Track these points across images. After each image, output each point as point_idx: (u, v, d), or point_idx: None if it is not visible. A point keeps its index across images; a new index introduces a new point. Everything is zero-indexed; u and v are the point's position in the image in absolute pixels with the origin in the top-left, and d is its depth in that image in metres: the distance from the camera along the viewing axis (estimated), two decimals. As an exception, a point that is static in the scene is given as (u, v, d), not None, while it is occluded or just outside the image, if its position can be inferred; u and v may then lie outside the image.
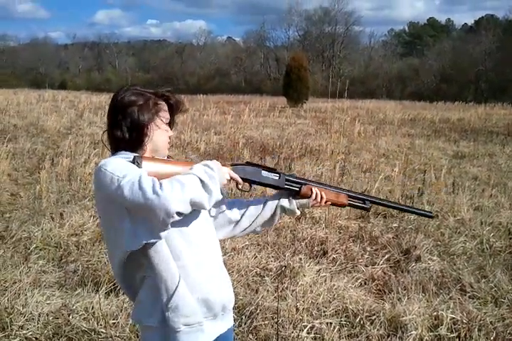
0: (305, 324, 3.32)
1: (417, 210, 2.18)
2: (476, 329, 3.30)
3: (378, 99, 41.24)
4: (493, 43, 49.86)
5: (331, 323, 3.38)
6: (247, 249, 4.82)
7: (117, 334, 3.21)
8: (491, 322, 3.41)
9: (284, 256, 4.64)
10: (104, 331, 3.24)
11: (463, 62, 50.59)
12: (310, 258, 4.65)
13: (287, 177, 1.88)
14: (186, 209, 1.51)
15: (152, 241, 1.56)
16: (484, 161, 10.61)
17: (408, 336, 3.22)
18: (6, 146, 9.26)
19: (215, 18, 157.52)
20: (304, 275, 4.14)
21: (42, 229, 5.12)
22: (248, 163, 1.85)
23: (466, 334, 3.29)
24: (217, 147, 11.26)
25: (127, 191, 1.49)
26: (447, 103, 34.07)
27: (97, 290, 3.80)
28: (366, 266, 4.52)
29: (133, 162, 1.61)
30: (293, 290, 3.84)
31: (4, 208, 6.06)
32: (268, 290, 3.86)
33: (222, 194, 1.64)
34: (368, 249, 4.95)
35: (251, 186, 1.85)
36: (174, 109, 1.84)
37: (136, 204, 1.49)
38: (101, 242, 4.91)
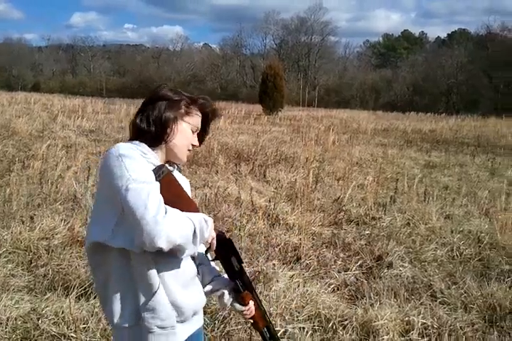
0: (278, 328, 3.31)
1: None
2: (447, 334, 3.35)
3: (352, 109, 41.82)
4: (464, 57, 51.06)
5: (303, 328, 3.38)
6: (220, 254, 4.80)
7: (88, 339, 3.16)
8: (460, 328, 3.46)
9: (258, 261, 4.63)
10: (74, 335, 3.18)
11: (435, 75, 51.73)
12: (283, 264, 4.66)
13: (244, 277, 1.85)
14: (167, 248, 1.48)
15: (129, 248, 1.54)
16: (455, 171, 10.81)
17: (380, 340, 3.25)
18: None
19: (192, 25, 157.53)
20: (278, 280, 4.14)
21: (11, 232, 5.01)
22: (230, 241, 1.82)
23: (436, 339, 3.34)
24: (192, 153, 11.21)
25: (130, 198, 1.45)
26: (419, 114, 34.75)
27: (67, 295, 3.73)
28: (339, 271, 4.55)
29: (156, 171, 1.57)
30: (266, 296, 3.83)
31: (-27, 211, 5.93)
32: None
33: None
34: (341, 255, 4.99)
35: (215, 259, 1.82)
36: (208, 119, 1.82)
37: (131, 214, 1.45)
38: (72, 246, 4.84)
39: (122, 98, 43.24)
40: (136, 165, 1.53)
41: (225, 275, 1.87)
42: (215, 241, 1.72)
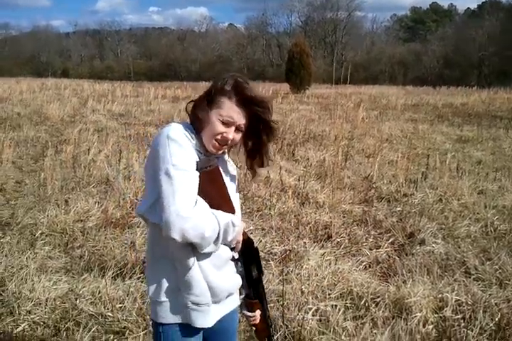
0: (310, 306, 3.34)
1: None
2: (481, 311, 3.32)
3: (381, 85, 41.12)
4: (496, 27, 49.40)
5: (336, 306, 3.39)
6: (251, 233, 4.83)
7: (124, 318, 3.23)
8: (495, 304, 3.42)
9: (289, 240, 4.65)
10: (111, 315, 3.27)
11: (466, 47, 50.27)
12: (314, 242, 4.67)
13: (259, 285, 1.88)
14: (182, 241, 1.50)
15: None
16: (488, 145, 10.58)
17: (413, 318, 3.23)
18: (10, 134, 9.27)
19: (217, 5, 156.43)
20: (309, 259, 4.16)
21: (47, 215, 5.14)
22: (256, 249, 1.84)
23: (470, 316, 3.30)
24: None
25: (164, 182, 1.49)
26: (450, 88, 33.94)
27: (104, 275, 3.82)
28: (370, 249, 4.53)
29: (203, 163, 1.59)
30: (298, 274, 3.86)
31: (10, 195, 6.09)
32: (273, 274, 3.88)
33: None
34: (372, 232, 4.97)
35: (237, 261, 1.81)
36: (257, 120, 1.70)
37: (160, 198, 1.49)
38: (106, 228, 4.94)
39: (150, 81, 43.47)
40: (181, 151, 1.54)
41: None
42: (239, 246, 1.75)
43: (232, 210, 1.66)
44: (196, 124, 1.67)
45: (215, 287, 1.69)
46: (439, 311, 3.36)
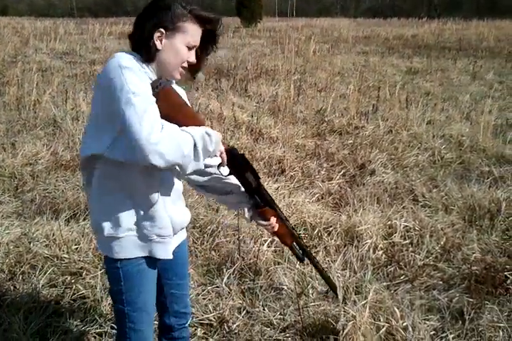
0: (265, 239, 3.42)
1: (329, 280, 2.14)
2: (428, 236, 3.48)
3: (333, 17, 40.47)
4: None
5: (290, 236, 3.48)
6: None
7: (81, 259, 3.24)
8: (441, 229, 3.59)
9: (243, 176, 4.67)
10: (67, 256, 3.26)
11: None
12: (268, 177, 4.72)
13: (262, 190, 1.82)
14: (165, 166, 1.45)
15: (126, 161, 1.53)
16: (436, 76, 10.70)
17: (364, 245, 3.36)
18: None
19: None
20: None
21: (-6, 160, 4.98)
22: (242, 156, 1.76)
23: (418, 241, 3.47)
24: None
25: (127, 111, 1.40)
26: (401, 19, 33.72)
27: (57, 218, 3.78)
28: (323, 181, 4.62)
29: (153, 84, 1.51)
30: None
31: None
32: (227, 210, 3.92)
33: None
34: (325, 165, 5.04)
35: (229, 174, 1.77)
36: (210, 36, 1.70)
37: (126, 129, 1.42)
38: (56, 170, 4.84)
39: (95, 17, 41.31)
40: (136, 78, 1.47)
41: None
42: (224, 156, 1.69)
43: (201, 122, 1.60)
44: (148, 54, 1.59)
45: (175, 220, 1.73)
46: (389, 237, 3.50)
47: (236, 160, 1.74)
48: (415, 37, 20.24)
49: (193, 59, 1.66)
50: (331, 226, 3.63)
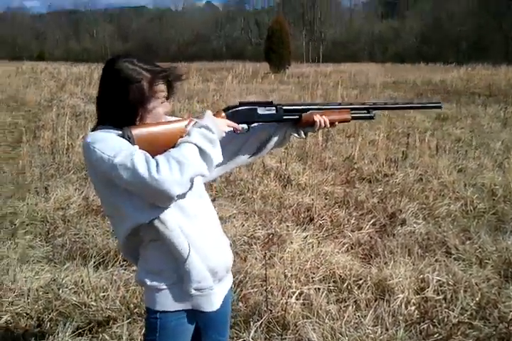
0: (293, 290, 3.36)
1: (422, 104, 2.13)
2: (462, 291, 3.36)
3: (361, 62, 41.03)
4: (473, 3, 49.40)
5: (319, 289, 3.42)
6: (234, 217, 4.84)
7: (108, 307, 3.22)
8: (476, 283, 3.47)
9: (271, 223, 4.66)
10: (94, 304, 3.25)
11: (444, 23, 50.21)
12: (297, 225, 4.68)
13: (285, 108, 1.83)
14: (187, 188, 1.49)
15: (157, 215, 1.56)
16: (467, 123, 10.64)
17: (395, 299, 3.27)
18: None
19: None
20: (292, 242, 4.17)
21: (27, 203, 5.08)
22: (241, 104, 1.78)
23: (452, 296, 3.35)
24: (203, 111, 11.12)
25: (122, 173, 1.45)
26: (429, 64, 34.01)
27: (86, 264, 3.80)
28: (352, 231, 4.56)
29: (123, 136, 1.55)
30: (281, 257, 3.87)
31: (-13, 184, 6.00)
32: (256, 258, 3.89)
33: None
34: (354, 214, 4.99)
35: (249, 128, 1.79)
36: (173, 85, 1.71)
37: (133, 187, 1.47)
38: (88, 215, 4.89)
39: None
40: (106, 142, 1.52)
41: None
42: (231, 123, 1.73)
43: (184, 129, 1.62)
44: (126, 121, 1.60)
45: (215, 266, 1.71)
46: (421, 292, 3.40)
47: (241, 116, 1.75)
48: (444, 82, 20.33)
49: (168, 107, 1.71)
50: (361, 279, 3.56)
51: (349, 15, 67.24)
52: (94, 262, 3.84)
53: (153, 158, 1.48)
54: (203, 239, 1.68)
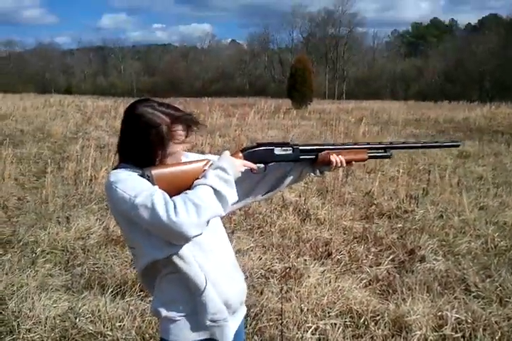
0: (309, 325, 3.34)
1: (440, 143, 2.08)
2: (481, 329, 3.30)
3: (383, 100, 41.24)
4: (496, 42, 49.70)
5: (335, 324, 3.39)
6: (251, 250, 4.85)
7: (123, 337, 3.24)
8: (496, 322, 3.40)
9: (289, 257, 4.65)
10: (110, 333, 3.27)
11: (467, 62, 50.47)
12: (314, 259, 4.66)
13: (302, 148, 1.85)
14: (203, 229, 1.54)
15: (174, 252, 1.62)
16: (489, 160, 10.57)
17: (413, 336, 3.22)
18: (13, 151, 9.33)
19: (220, 21, 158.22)
20: (309, 276, 4.16)
21: (48, 233, 5.15)
22: (259, 144, 1.82)
23: (471, 334, 3.29)
24: (222, 150, 11.25)
25: (142, 213, 1.51)
26: (452, 103, 34.02)
27: (103, 293, 3.83)
28: (371, 266, 4.52)
29: (142, 175, 1.61)
30: (297, 292, 3.86)
31: (11, 212, 6.10)
32: (273, 292, 3.88)
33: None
34: (373, 249, 4.96)
35: (266, 168, 1.83)
36: (192, 127, 1.76)
37: (152, 227, 1.53)
38: (107, 245, 4.94)
39: (153, 97, 43.59)
40: (128, 182, 1.59)
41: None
42: (248, 163, 1.77)
43: (201, 169, 1.68)
44: (147, 162, 1.67)
45: (230, 298, 1.75)
46: (439, 329, 3.34)
47: (258, 156, 1.78)
48: (466, 120, 20.29)
49: (188, 146, 1.78)
50: (378, 315, 3.51)
51: (372, 54, 68.03)
52: (112, 292, 3.87)
53: (170, 198, 1.54)
54: (218, 272, 1.72)
